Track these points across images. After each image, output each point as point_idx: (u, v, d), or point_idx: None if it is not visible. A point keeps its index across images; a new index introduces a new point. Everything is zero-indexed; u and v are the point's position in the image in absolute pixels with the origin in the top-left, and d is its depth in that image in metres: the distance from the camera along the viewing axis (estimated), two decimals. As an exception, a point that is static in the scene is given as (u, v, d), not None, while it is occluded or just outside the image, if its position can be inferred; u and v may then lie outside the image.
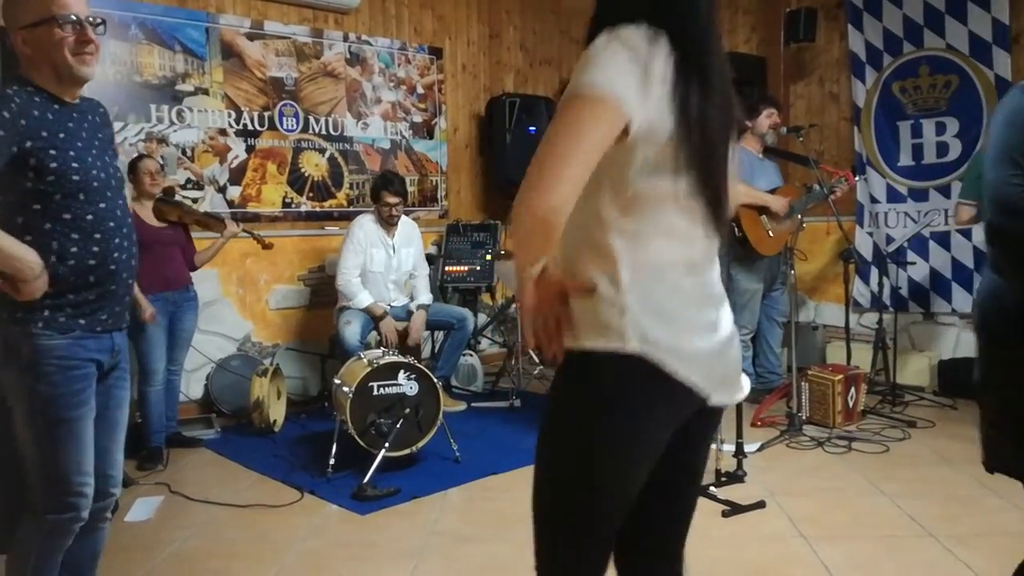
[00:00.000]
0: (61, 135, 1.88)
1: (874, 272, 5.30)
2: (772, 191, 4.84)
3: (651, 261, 1.25)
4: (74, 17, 1.86)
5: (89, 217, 1.91)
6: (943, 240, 5.15)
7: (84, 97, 2.05)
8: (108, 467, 2.08)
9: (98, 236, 1.93)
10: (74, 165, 1.89)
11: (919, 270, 5.21)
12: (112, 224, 1.95)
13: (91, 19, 1.90)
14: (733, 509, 3.17)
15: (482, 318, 5.81)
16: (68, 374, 1.90)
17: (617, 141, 1.19)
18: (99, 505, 2.08)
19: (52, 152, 1.85)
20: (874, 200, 5.40)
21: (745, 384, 1.40)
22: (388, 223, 4.63)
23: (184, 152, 4.69)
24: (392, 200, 4.56)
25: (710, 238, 1.32)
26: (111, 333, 1.99)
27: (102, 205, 1.93)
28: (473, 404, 4.96)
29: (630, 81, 1.17)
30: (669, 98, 1.20)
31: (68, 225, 1.88)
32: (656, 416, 1.26)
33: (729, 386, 1.34)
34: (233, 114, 4.85)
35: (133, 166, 3.96)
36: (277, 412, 4.45)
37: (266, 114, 4.98)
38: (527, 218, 1.17)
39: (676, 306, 1.26)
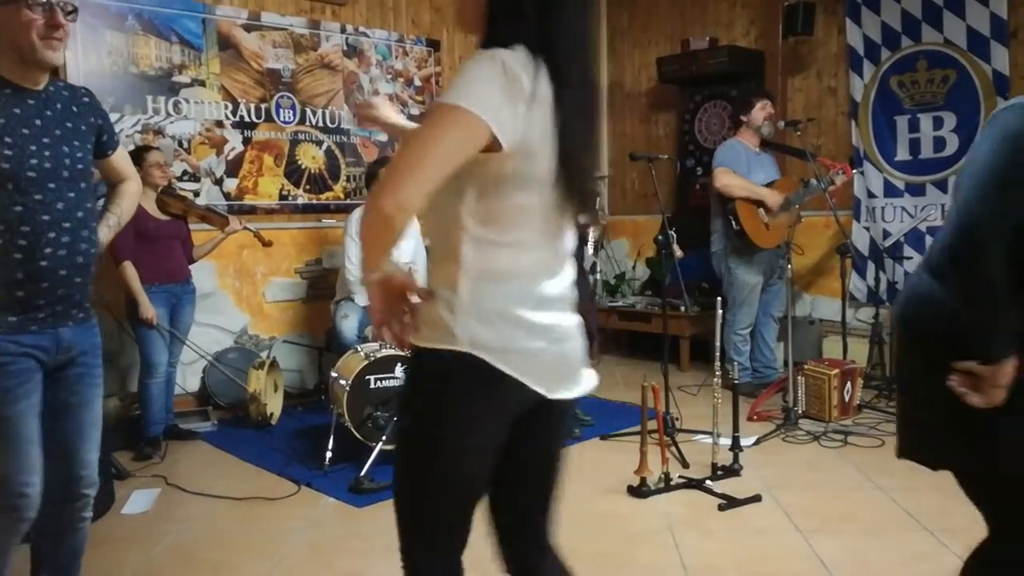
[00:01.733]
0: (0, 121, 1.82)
1: (871, 267, 5.31)
2: (770, 184, 4.84)
3: (493, 269, 1.34)
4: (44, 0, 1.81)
5: (17, 209, 1.82)
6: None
7: (64, 84, 2.00)
8: (77, 467, 2.01)
9: (26, 230, 1.83)
10: (6, 152, 1.81)
11: (915, 265, 5.21)
12: (47, 218, 1.86)
13: (62, 4, 1.84)
14: (729, 503, 3.18)
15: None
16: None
17: (487, 152, 1.27)
18: (74, 506, 2.03)
19: None
20: (871, 195, 5.40)
21: (587, 379, 1.50)
22: None
23: (180, 144, 4.68)
24: None
25: (565, 245, 1.44)
26: (56, 329, 1.91)
27: (37, 197, 1.85)
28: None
29: (496, 98, 1.24)
30: (543, 116, 1.29)
31: None
32: (487, 409, 1.38)
33: (568, 381, 1.44)
34: (230, 106, 4.84)
35: (139, 157, 3.92)
36: (274, 405, 4.45)
37: (263, 106, 4.96)
38: (373, 214, 1.25)
39: (509, 310, 1.34)
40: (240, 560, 2.80)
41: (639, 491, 3.29)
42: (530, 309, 1.37)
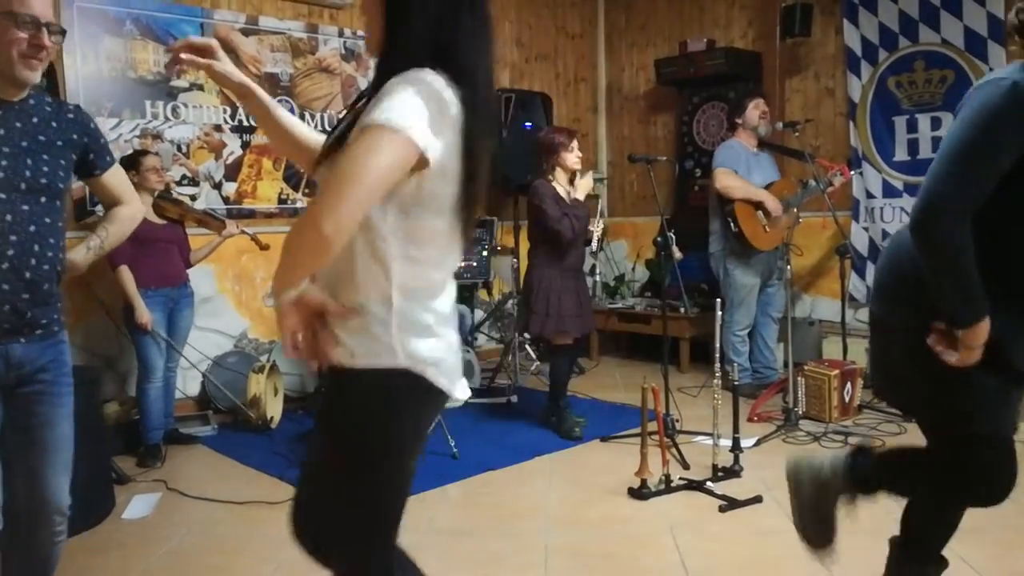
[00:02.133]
0: None
1: (870, 267, 5.31)
2: (769, 185, 4.85)
3: (417, 285, 1.40)
4: (29, 18, 1.74)
5: None
6: (938, 235, 5.15)
7: (52, 100, 1.95)
8: (41, 490, 1.90)
9: None
10: None
11: (914, 265, 5.21)
12: None
13: (50, 25, 1.78)
14: (730, 504, 3.18)
15: (479, 314, 5.82)
16: None
17: (414, 172, 1.32)
18: (40, 532, 1.93)
19: None
20: (869, 195, 5.41)
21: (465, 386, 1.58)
22: None
23: (179, 148, 4.68)
24: None
25: (456, 264, 1.52)
26: (4, 345, 1.81)
27: None
28: (470, 400, 4.94)
29: (425, 120, 1.28)
30: (457, 141, 1.35)
31: None
32: (425, 418, 1.50)
33: (460, 388, 1.54)
34: (228, 110, 4.84)
35: (136, 161, 3.92)
36: (274, 409, 4.45)
37: (261, 110, 4.95)
38: (311, 235, 1.24)
39: (431, 324, 1.43)
40: (241, 565, 2.80)
41: (640, 493, 3.29)
42: (443, 322, 1.47)
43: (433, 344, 1.42)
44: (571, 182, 4.23)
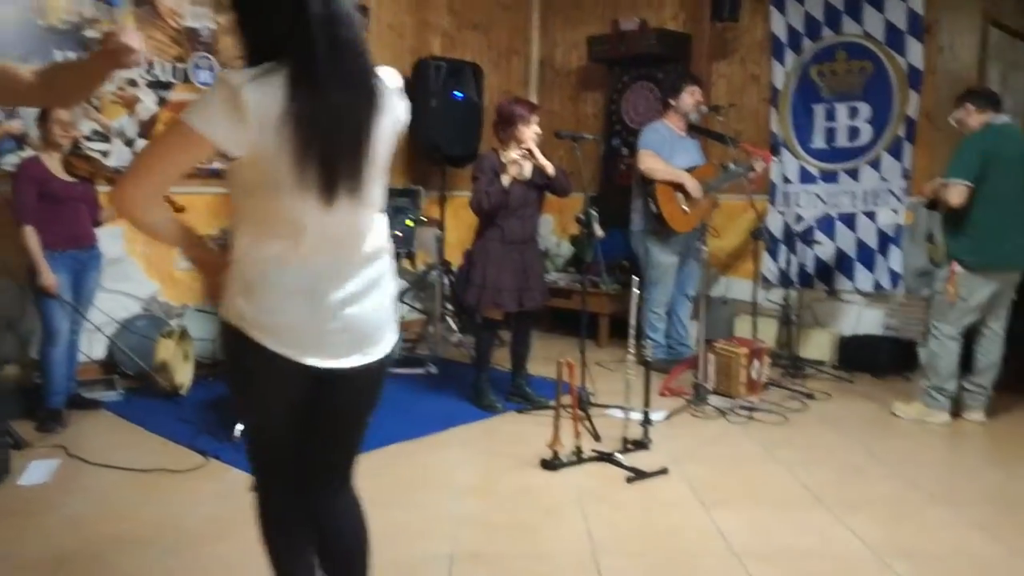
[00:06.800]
0: None
1: (783, 250, 5.48)
2: (691, 169, 4.92)
3: (253, 255, 1.57)
4: None
5: None
6: (849, 221, 5.35)
7: None
8: None
9: None
10: None
11: (825, 249, 5.40)
12: None
13: None
14: (637, 475, 3.26)
15: (402, 284, 5.77)
16: None
17: (228, 161, 1.53)
18: None
19: None
20: (787, 180, 5.56)
21: (376, 348, 1.74)
22: None
23: (90, 102, 4.47)
24: None
25: (332, 227, 1.57)
26: None
27: None
28: (389, 371, 4.92)
29: (219, 119, 1.44)
30: (275, 125, 1.46)
31: None
32: (260, 374, 1.62)
33: (342, 350, 1.64)
34: (145, 65, 4.64)
35: (43, 113, 3.75)
36: (184, 375, 4.33)
37: (180, 66, 4.77)
38: (117, 207, 1.54)
39: (265, 289, 1.56)
40: (140, 533, 2.73)
41: (551, 464, 3.35)
42: (290, 286, 1.56)
43: (265, 307, 1.56)
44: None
